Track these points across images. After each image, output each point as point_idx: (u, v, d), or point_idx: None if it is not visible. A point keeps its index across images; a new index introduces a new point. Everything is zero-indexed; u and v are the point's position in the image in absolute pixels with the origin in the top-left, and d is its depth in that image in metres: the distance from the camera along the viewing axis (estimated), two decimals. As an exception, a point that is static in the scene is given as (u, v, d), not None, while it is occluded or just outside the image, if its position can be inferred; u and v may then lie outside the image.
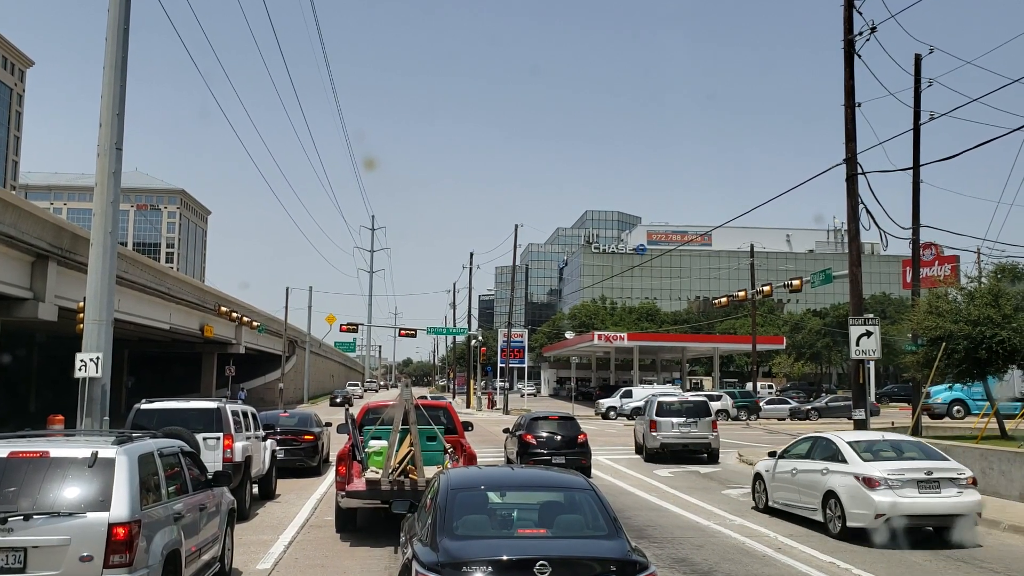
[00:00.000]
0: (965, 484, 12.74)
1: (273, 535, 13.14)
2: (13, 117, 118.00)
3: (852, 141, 21.88)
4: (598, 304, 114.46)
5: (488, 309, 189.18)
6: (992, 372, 22.31)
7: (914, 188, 26.17)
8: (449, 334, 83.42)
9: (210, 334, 53.97)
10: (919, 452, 13.66)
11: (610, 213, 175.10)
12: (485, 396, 69.52)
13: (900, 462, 13.09)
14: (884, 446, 13.89)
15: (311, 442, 21.70)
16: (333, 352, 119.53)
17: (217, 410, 15.08)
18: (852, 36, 21.90)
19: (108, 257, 16.45)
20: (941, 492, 12.58)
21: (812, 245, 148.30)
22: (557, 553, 6.31)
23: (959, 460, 17.39)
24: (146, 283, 40.60)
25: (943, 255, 40.91)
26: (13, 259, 28.18)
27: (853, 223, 21.97)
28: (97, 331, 16.26)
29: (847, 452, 13.49)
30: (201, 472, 9.51)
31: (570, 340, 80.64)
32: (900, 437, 15.08)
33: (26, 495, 6.90)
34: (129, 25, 16.86)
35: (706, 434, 25.22)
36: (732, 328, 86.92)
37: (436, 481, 7.81)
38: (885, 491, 12.42)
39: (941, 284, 28.59)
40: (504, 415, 53.86)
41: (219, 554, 9.59)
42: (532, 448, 20.68)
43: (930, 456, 13.49)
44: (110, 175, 16.47)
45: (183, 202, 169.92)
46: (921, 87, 26.11)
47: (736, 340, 78.75)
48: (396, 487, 12.00)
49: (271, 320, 74.70)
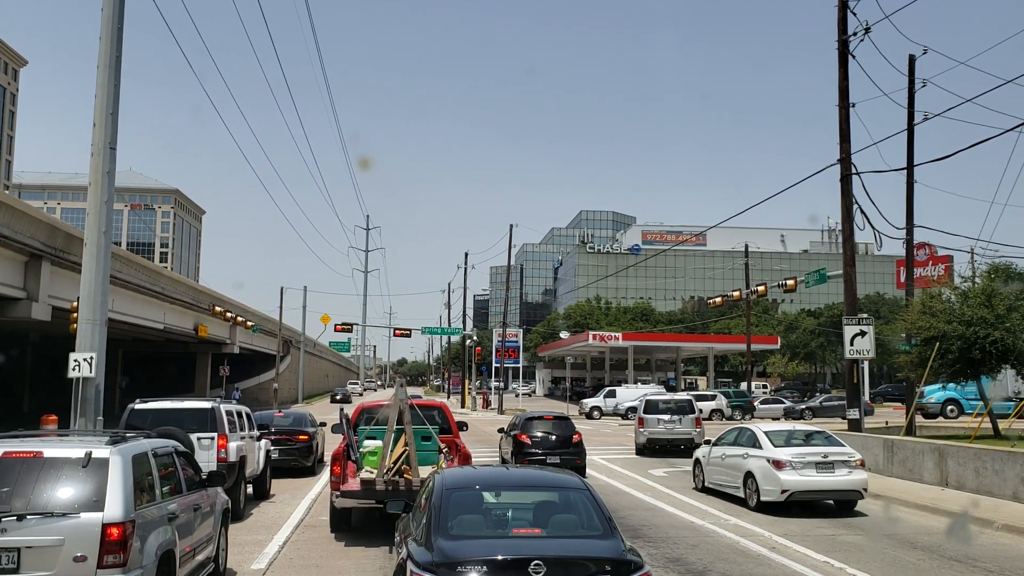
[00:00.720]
0: (855, 465, 15.46)
1: (268, 535, 13.12)
2: (7, 116, 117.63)
3: (846, 141, 21.94)
4: (593, 304, 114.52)
5: (483, 309, 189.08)
6: (986, 372, 22.38)
7: (908, 188, 26.25)
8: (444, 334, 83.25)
9: (204, 334, 53.86)
10: (823, 440, 16.18)
11: (605, 213, 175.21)
12: (480, 396, 69.51)
13: (804, 448, 15.70)
14: (796, 435, 16.44)
15: (306, 442, 21.68)
16: (328, 352, 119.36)
17: (211, 410, 15.06)
18: (846, 36, 21.96)
19: (102, 257, 16.40)
20: (835, 472, 15.26)
21: (806, 245, 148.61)
22: (552, 553, 6.31)
23: (953, 460, 17.53)
24: (140, 283, 40.50)
25: (937, 255, 41.06)
26: (6, 259, 28.09)
27: (847, 223, 22.04)
28: (91, 331, 16.22)
29: (763, 440, 16.15)
30: (195, 472, 9.49)
31: (565, 340, 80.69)
32: (811, 428, 17.54)
33: (20, 495, 6.88)
34: (123, 24, 16.82)
35: (689, 430, 26.97)
36: (727, 328, 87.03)
37: (431, 481, 7.80)
38: (790, 471, 15.15)
39: (935, 284, 28.70)
40: (499, 415, 53.86)
41: (213, 554, 9.58)
42: (527, 448, 20.70)
43: (831, 443, 16.04)
44: (104, 175, 16.43)
45: (177, 202, 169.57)
46: (915, 87, 26.18)
47: (731, 340, 78.85)
48: (391, 487, 11.99)
49: (265, 320, 74.58)
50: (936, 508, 15.49)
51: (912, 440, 20.47)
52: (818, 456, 15.30)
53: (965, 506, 15.37)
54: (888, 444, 20.27)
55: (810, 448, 15.63)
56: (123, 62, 16.84)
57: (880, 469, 20.18)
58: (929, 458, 18.45)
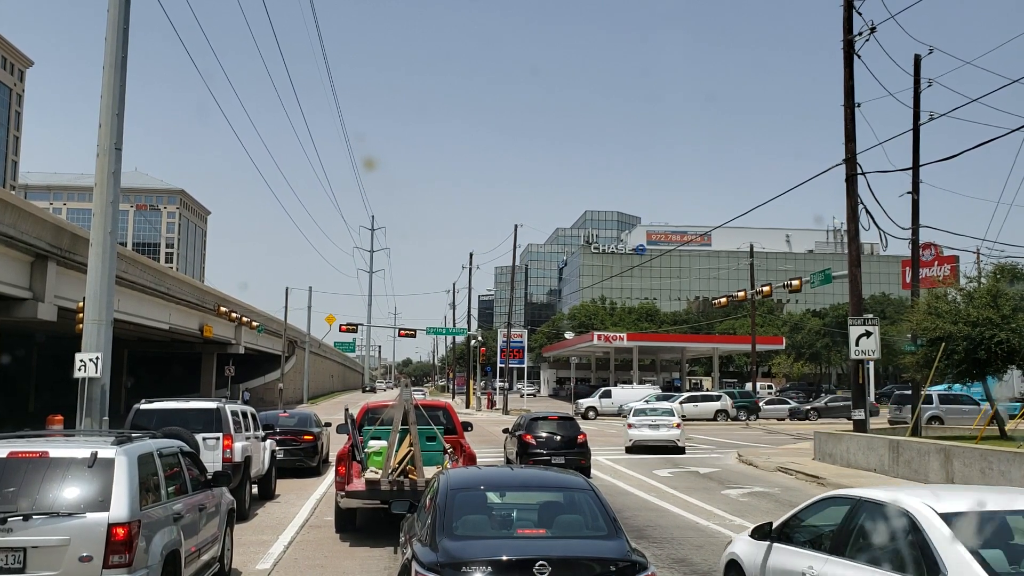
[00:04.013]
0: (673, 426, 27.48)
1: (272, 535, 13.13)
2: (12, 117, 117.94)
3: (852, 141, 21.91)
4: (598, 304, 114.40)
5: (488, 309, 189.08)
6: (991, 372, 22.32)
7: (914, 188, 26.18)
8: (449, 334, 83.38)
9: (209, 334, 53.94)
10: (662, 411, 28.70)
11: (609, 213, 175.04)
12: (484, 396, 69.49)
13: (647, 416, 28.04)
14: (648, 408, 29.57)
15: (311, 442, 21.69)
16: (333, 352, 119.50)
17: (216, 410, 15.06)
18: (852, 36, 21.93)
19: (108, 257, 16.44)
20: (660, 430, 27.46)
21: (812, 245, 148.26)
22: (557, 553, 6.31)
23: (959, 461, 17.52)
24: (146, 283, 40.58)
25: (942, 255, 40.91)
26: (12, 259, 28.16)
27: (853, 223, 22.01)
28: (96, 331, 16.25)
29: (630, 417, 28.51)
30: (201, 472, 9.50)
31: (570, 340, 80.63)
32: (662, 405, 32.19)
33: (25, 495, 6.89)
34: (129, 25, 16.86)
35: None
36: (732, 328, 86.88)
37: (436, 481, 7.81)
38: (635, 430, 27.75)
39: (940, 284, 28.61)
40: (503, 415, 53.85)
41: (219, 554, 9.59)
42: (532, 448, 20.67)
43: (665, 413, 28.30)
44: (109, 175, 16.46)
45: (183, 202, 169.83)
46: (920, 87, 26.12)
47: (735, 340, 78.72)
48: (396, 487, 11.98)
49: (271, 320, 74.66)
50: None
51: (918, 441, 20.41)
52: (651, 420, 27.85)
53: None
54: (894, 445, 20.22)
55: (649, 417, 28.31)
56: (129, 63, 16.88)
57: (885, 470, 20.14)
58: (935, 459, 18.39)
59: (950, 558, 5.15)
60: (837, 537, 6.38)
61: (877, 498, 6.26)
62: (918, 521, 5.56)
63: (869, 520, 6.17)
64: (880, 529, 6.01)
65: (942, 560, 5.18)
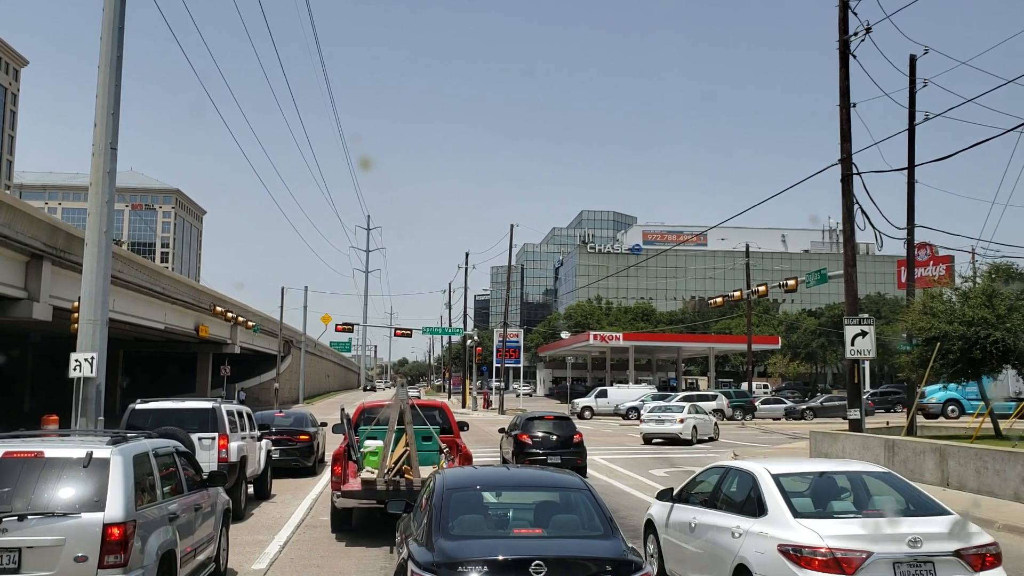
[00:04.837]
0: (678, 421, 32.28)
1: (268, 535, 13.12)
2: (8, 116, 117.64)
3: (847, 141, 21.92)
4: (594, 304, 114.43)
5: (484, 309, 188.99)
6: (987, 372, 22.34)
7: (909, 188, 26.22)
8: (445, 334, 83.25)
9: (205, 334, 53.87)
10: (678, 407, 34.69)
11: (605, 213, 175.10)
12: (481, 396, 69.49)
13: (657, 413, 33.84)
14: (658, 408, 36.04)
15: (306, 442, 21.68)
16: (329, 352, 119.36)
17: (212, 410, 15.06)
18: (847, 36, 21.94)
19: (103, 257, 16.40)
20: (665, 424, 32.58)
21: (807, 245, 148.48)
22: (553, 553, 6.31)
23: (954, 460, 17.56)
24: (141, 283, 40.51)
25: (938, 255, 41.01)
26: (7, 259, 28.10)
27: (848, 223, 22.01)
28: (92, 331, 16.22)
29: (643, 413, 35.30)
30: (196, 472, 9.49)
31: (566, 340, 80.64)
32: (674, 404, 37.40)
33: (21, 495, 6.88)
34: (124, 24, 16.81)
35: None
36: (727, 328, 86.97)
37: (432, 481, 7.80)
38: (646, 424, 33.60)
39: (936, 284, 28.66)
40: (500, 415, 53.85)
41: (214, 554, 9.58)
42: (528, 448, 20.69)
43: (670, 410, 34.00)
44: (105, 175, 16.42)
45: (178, 202, 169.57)
46: (916, 87, 26.14)
47: (731, 340, 78.81)
48: (392, 487, 11.98)
49: (266, 320, 74.58)
50: (937, 508, 15.40)
51: (913, 440, 20.45)
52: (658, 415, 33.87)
53: (966, 506, 15.32)
54: (889, 444, 20.25)
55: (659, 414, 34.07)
56: (124, 62, 16.84)
57: (881, 469, 20.17)
58: (930, 458, 18.43)
59: (772, 502, 7.69)
60: (713, 495, 8.88)
61: (737, 466, 8.94)
62: (757, 479, 8.08)
63: (730, 481, 8.72)
64: (736, 487, 8.53)
65: (767, 504, 7.72)
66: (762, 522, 7.63)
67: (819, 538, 6.99)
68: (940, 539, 7.11)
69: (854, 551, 6.86)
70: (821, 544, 6.94)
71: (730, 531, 7.97)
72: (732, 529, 7.94)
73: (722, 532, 8.13)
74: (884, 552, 6.88)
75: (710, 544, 8.33)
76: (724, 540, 8.04)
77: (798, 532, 7.17)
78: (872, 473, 8.53)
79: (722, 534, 8.12)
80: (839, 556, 6.85)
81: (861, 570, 6.80)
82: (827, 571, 6.83)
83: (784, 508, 7.53)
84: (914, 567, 6.90)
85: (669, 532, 9.52)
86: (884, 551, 6.89)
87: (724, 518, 8.23)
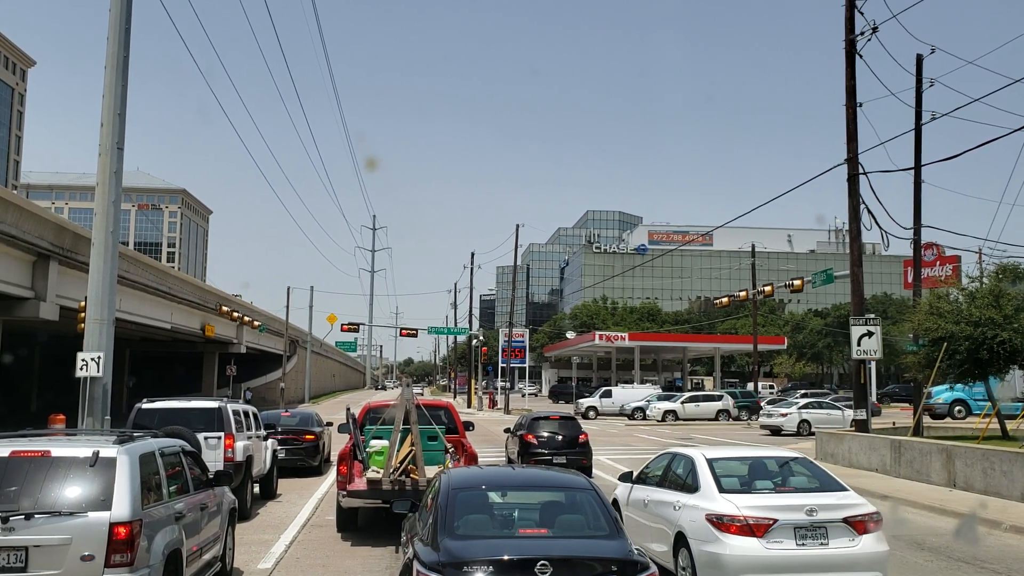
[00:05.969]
0: None
1: (274, 535, 13.14)
2: (15, 117, 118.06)
3: (853, 141, 21.88)
4: (599, 304, 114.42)
5: (489, 309, 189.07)
6: (993, 373, 22.27)
7: (915, 188, 26.15)
8: (450, 334, 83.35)
9: (211, 334, 53.98)
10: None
11: (611, 213, 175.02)
12: (486, 396, 69.48)
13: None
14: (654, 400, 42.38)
15: (312, 442, 21.69)
16: (334, 352, 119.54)
17: (218, 409, 15.06)
18: (854, 36, 21.91)
19: (109, 257, 16.45)
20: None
21: (813, 245, 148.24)
22: (558, 553, 6.30)
23: (961, 461, 17.53)
24: (147, 283, 40.60)
25: (944, 255, 40.85)
26: (15, 259, 28.19)
27: (854, 223, 21.98)
28: (98, 331, 16.26)
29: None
30: (202, 471, 9.50)
31: (571, 340, 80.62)
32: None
33: (27, 494, 6.90)
34: (130, 25, 16.87)
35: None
36: (733, 328, 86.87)
37: (437, 481, 7.80)
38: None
39: (942, 284, 28.59)
40: (505, 415, 53.81)
41: (220, 553, 9.59)
42: (533, 448, 20.67)
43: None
44: (111, 175, 16.47)
45: (184, 202, 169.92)
46: (923, 87, 26.07)
47: (737, 340, 78.70)
48: (397, 487, 11.99)
49: (272, 320, 74.70)
50: (943, 509, 15.42)
51: (919, 441, 20.39)
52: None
53: (973, 507, 15.31)
54: (895, 445, 20.20)
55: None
56: (130, 62, 16.91)
57: (887, 470, 20.12)
58: (936, 459, 18.38)
59: (704, 481, 9.27)
60: (662, 476, 10.46)
61: (680, 452, 10.49)
62: (694, 462, 9.69)
63: (676, 464, 10.25)
64: (681, 469, 10.03)
65: (700, 482, 9.29)
66: (695, 497, 9.22)
67: (736, 508, 8.64)
68: (832, 509, 8.65)
69: (763, 519, 8.48)
70: (738, 513, 8.57)
71: (672, 505, 9.61)
72: (673, 503, 9.58)
73: (666, 506, 9.76)
74: (787, 519, 8.50)
75: (659, 517, 9.95)
76: (668, 513, 9.66)
77: (721, 504, 8.80)
78: (793, 459, 10.09)
79: (666, 508, 9.74)
80: (751, 522, 8.47)
81: (769, 533, 8.43)
82: (742, 534, 8.44)
83: (712, 485, 9.18)
84: (811, 531, 8.52)
85: (629, 509, 11.08)
86: (787, 518, 8.51)
87: (669, 495, 9.86)
